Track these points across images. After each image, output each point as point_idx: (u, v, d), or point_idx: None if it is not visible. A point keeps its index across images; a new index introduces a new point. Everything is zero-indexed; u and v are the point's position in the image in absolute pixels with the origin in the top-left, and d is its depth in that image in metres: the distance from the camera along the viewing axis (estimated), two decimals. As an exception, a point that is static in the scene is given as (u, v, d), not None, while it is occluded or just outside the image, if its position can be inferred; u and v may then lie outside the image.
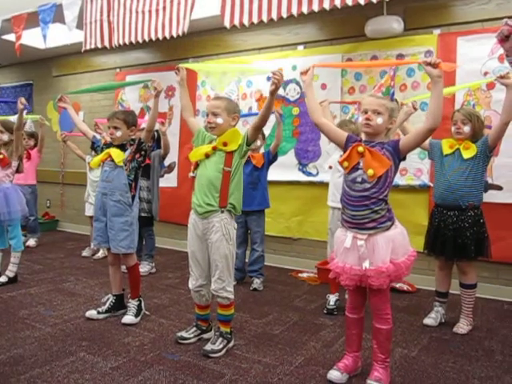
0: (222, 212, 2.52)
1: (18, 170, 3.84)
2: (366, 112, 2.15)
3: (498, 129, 2.75)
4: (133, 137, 3.07)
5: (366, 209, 2.11)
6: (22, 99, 3.62)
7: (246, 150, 2.57)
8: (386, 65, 3.99)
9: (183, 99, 2.83)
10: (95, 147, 3.16)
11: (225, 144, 2.52)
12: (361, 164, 2.14)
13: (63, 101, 3.33)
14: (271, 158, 3.88)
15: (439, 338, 2.85)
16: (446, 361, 2.53)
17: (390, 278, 2.09)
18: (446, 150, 2.93)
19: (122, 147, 3.01)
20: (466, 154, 2.83)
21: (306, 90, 2.36)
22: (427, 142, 3.06)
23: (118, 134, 2.97)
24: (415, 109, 2.95)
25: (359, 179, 2.15)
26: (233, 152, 2.53)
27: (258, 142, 3.32)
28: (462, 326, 2.94)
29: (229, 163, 2.52)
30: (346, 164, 2.19)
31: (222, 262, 2.52)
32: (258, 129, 2.53)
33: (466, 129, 2.84)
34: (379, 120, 2.12)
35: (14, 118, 4.22)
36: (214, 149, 2.54)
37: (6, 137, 3.68)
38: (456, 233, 2.85)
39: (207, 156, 2.55)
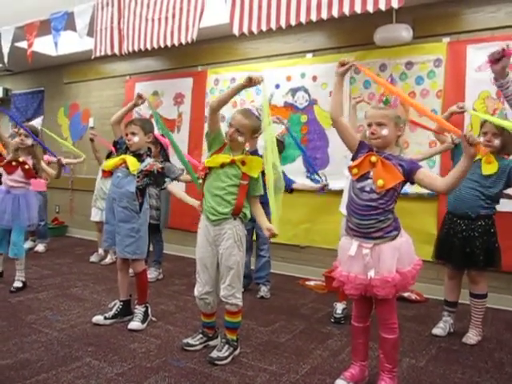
0: (235, 219, 2.53)
1: (38, 174, 3.88)
2: (370, 125, 2.14)
3: None
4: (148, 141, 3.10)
5: (373, 219, 2.09)
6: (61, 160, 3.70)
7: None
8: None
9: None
10: (117, 147, 3.14)
11: (243, 163, 2.50)
12: (371, 174, 2.12)
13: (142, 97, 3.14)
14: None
15: (448, 349, 2.82)
16: (455, 372, 2.50)
17: (395, 288, 2.07)
18: None
19: (139, 157, 3.03)
20: (486, 170, 2.72)
21: (336, 82, 2.22)
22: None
23: (136, 139, 2.99)
24: (454, 144, 2.84)
25: (367, 188, 2.12)
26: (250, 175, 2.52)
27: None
28: (472, 337, 2.90)
29: (246, 177, 2.51)
30: (355, 171, 2.16)
31: (233, 269, 2.52)
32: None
33: (497, 142, 2.71)
34: (384, 131, 2.10)
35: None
36: (233, 162, 2.50)
37: (30, 141, 3.71)
38: (464, 241, 2.82)
39: (222, 166, 2.51)
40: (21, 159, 3.68)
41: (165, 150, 4.22)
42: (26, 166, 3.69)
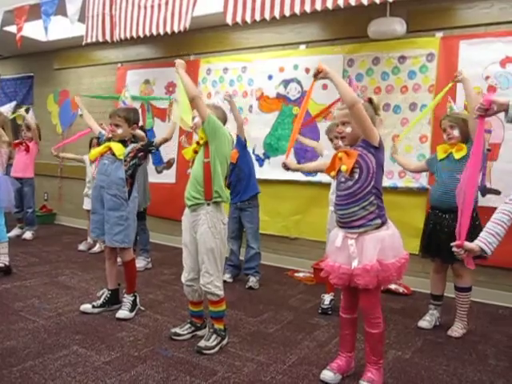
0: (208, 205, 2.56)
1: (10, 157, 3.83)
2: (337, 125, 2.26)
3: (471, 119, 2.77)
4: (133, 132, 3.08)
5: (354, 205, 2.14)
6: None
7: (208, 128, 2.52)
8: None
9: None
10: (99, 141, 3.22)
11: (202, 138, 2.60)
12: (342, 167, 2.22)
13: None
14: (243, 143, 3.91)
15: (433, 341, 2.85)
16: (440, 364, 2.53)
17: (377, 279, 2.09)
18: (441, 155, 3.01)
19: (123, 142, 3.03)
20: (457, 155, 2.90)
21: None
22: (423, 163, 3.23)
23: (119, 131, 2.99)
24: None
25: (343, 179, 2.21)
26: (207, 142, 2.57)
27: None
28: (457, 330, 2.94)
29: (207, 154, 2.57)
30: (333, 173, 2.30)
31: (207, 255, 2.54)
32: (193, 107, 2.58)
33: (456, 132, 2.92)
34: (348, 129, 2.20)
35: (3, 108, 4.23)
36: (198, 143, 2.63)
37: None
38: (451, 235, 2.84)
39: (196, 152, 2.64)
40: None
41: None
42: None
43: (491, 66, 3.65)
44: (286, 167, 2.75)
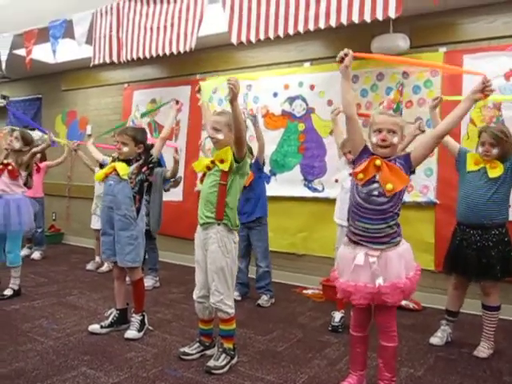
0: (219, 224, 2.55)
1: (27, 185, 3.86)
2: (380, 131, 2.11)
3: None
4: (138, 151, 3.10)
5: (383, 223, 2.09)
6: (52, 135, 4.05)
7: (241, 166, 2.55)
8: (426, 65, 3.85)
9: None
10: (102, 166, 3.28)
11: (221, 161, 2.54)
12: (377, 177, 2.10)
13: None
14: (260, 165, 3.87)
15: (446, 358, 2.80)
16: (453, 381, 2.48)
17: (403, 294, 2.08)
18: (471, 166, 2.83)
19: (128, 162, 3.05)
20: (492, 174, 2.73)
21: (342, 80, 2.25)
22: (457, 148, 2.96)
23: (125, 149, 3.01)
24: (422, 131, 2.89)
25: (376, 192, 2.10)
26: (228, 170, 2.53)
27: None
28: (483, 350, 2.83)
29: (224, 178, 2.55)
30: (361, 176, 2.11)
31: (217, 274, 2.53)
32: (238, 143, 2.46)
33: (495, 151, 2.73)
34: (395, 139, 2.10)
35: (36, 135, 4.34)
36: (213, 163, 2.59)
37: (18, 145, 3.74)
38: (479, 252, 2.76)
39: (208, 169, 2.61)
40: (5, 161, 3.69)
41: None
42: (10, 167, 3.68)
43: (496, 80, 3.64)
44: (342, 57, 2.31)
